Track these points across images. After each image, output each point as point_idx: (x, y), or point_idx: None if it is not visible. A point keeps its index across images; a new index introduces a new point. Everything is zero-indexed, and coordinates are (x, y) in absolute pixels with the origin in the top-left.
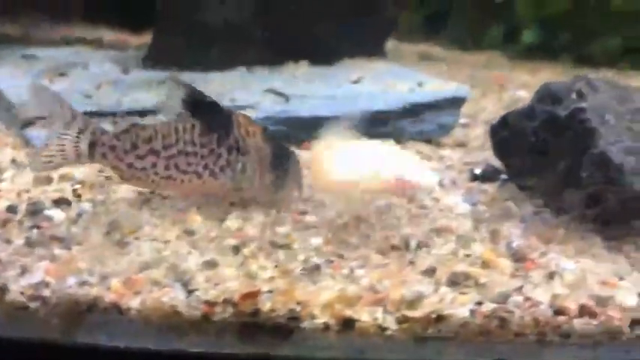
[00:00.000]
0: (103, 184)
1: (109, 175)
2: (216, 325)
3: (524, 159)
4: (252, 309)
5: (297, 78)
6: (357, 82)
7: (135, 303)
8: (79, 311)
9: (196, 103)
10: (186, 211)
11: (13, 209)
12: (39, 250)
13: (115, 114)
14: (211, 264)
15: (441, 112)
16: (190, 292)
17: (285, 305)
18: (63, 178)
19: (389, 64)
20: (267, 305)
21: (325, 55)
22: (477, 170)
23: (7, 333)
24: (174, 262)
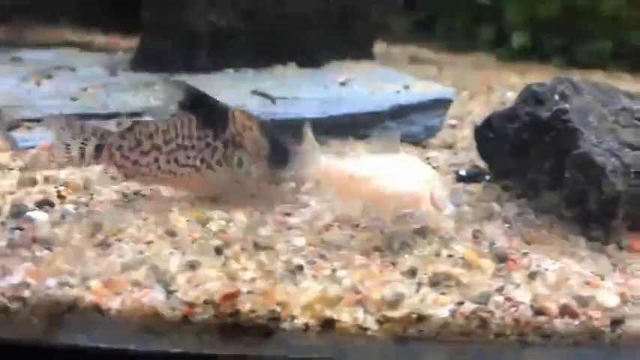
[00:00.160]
0: (87, 185)
1: (113, 175)
2: (197, 326)
3: (507, 160)
4: (232, 310)
5: (284, 80)
6: (344, 84)
7: (115, 304)
8: (59, 312)
9: (193, 99)
10: (170, 212)
11: None
12: (20, 252)
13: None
14: (193, 265)
15: (427, 113)
16: (170, 293)
17: (265, 306)
18: (47, 180)
19: (377, 66)
20: (247, 306)
21: (313, 58)
22: (462, 171)
23: None
24: (155, 263)
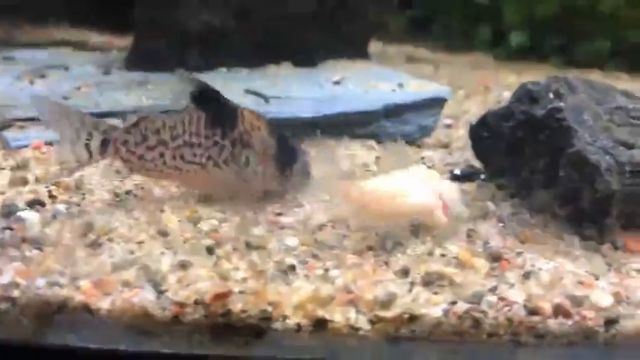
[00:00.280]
0: (79, 185)
1: (118, 169)
2: (187, 326)
3: (502, 159)
4: (223, 310)
5: (278, 79)
6: (338, 83)
7: (105, 304)
8: (48, 312)
9: (204, 96)
10: (162, 212)
11: None
12: (10, 252)
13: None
14: (184, 265)
15: (422, 112)
16: (161, 293)
17: (257, 306)
18: (39, 179)
19: (371, 65)
20: (238, 306)
21: (308, 57)
22: (457, 171)
23: None
24: (146, 263)
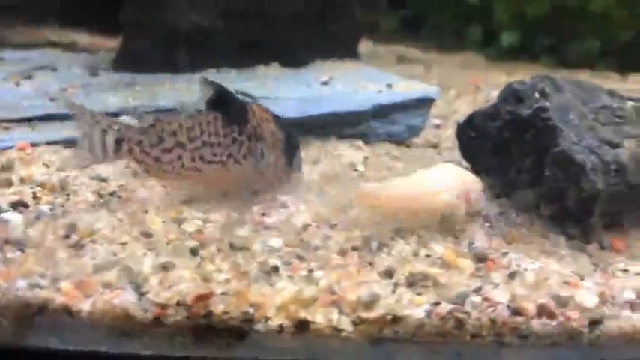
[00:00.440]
0: (64, 186)
1: (134, 170)
2: (169, 328)
3: (489, 159)
4: (204, 311)
5: (266, 79)
6: (326, 83)
7: (86, 305)
8: (29, 314)
9: (220, 99)
10: (146, 213)
11: None
12: None
13: None
14: (167, 266)
15: (410, 113)
16: (142, 295)
17: (239, 307)
18: (24, 181)
19: (360, 65)
20: (220, 307)
21: (297, 57)
22: None
23: None
24: (128, 265)
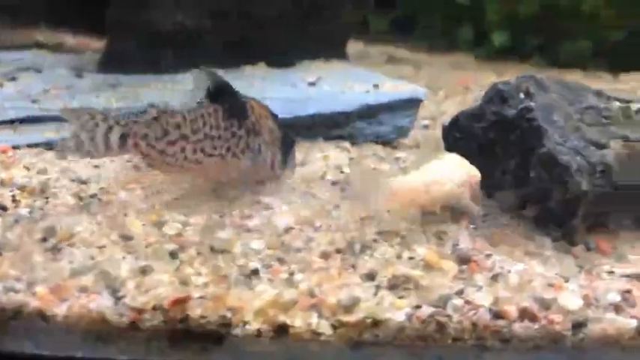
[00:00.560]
0: (44, 189)
1: (136, 165)
2: (145, 333)
3: (475, 159)
4: (181, 315)
5: (254, 80)
6: (313, 84)
7: (61, 310)
8: (3, 318)
9: (219, 91)
10: (125, 216)
11: None
12: None
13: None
14: (145, 270)
15: (397, 113)
16: (118, 299)
17: (217, 311)
18: (3, 183)
19: (348, 65)
20: (197, 311)
21: (284, 57)
22: None
23: None
24: (105, 269)
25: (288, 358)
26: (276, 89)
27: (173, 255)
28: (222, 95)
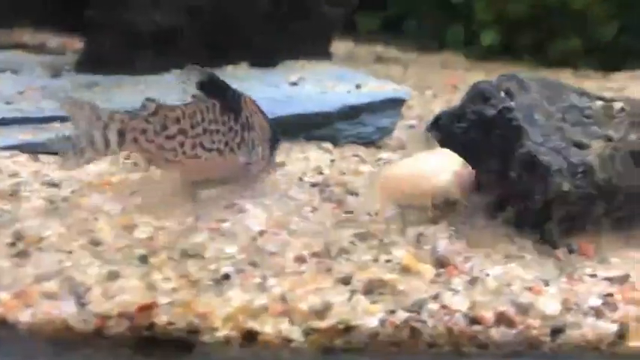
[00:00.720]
0: (14, 192)
1: (135, 162)
2: (111, 340)
3: None
4: (147, 322)
5: (235, 80)
6: (295, 84)
7: (25, 317)
8: None
9: (211, 84)
10: (96, 220)
11: None
12: None
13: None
14: (112, 275)
15: (380, 114)
16: (83, 305)
17: (184, 318)
18: None
19: (331, 65)
20: (163, 318)
21: (267, 57)
22: None
23: None
24: (72, 274)
25: None
26: (258, 89)
27: (143, 260)
28: (215, 89)
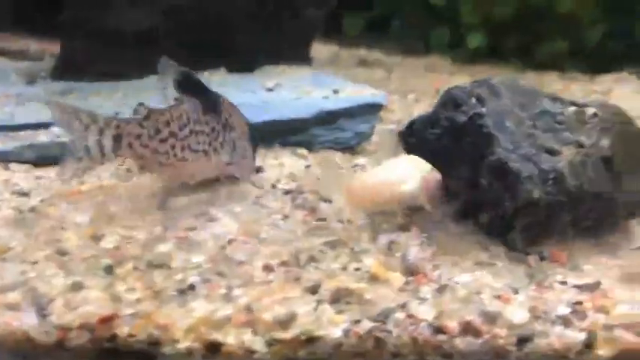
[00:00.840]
0: None
1: (129, 168)
2: (73, 352)
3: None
4: (109, 334)
5: (213, 85)
6: (271, 89)
7: None
8: None
9: (188, 82)
10: (63, 230)
11: None
12: None
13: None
14: (76, 286)
15: (357, 119)
16: (45, 317)
17: (145, 329)
18: None
19: (310, 70)
20: (125, 330)
21: (245, 62)
22: None
23: None
24: (35, 285)
25: None
26: (234, 95)
27: (108, 270)
28: (192, 87)
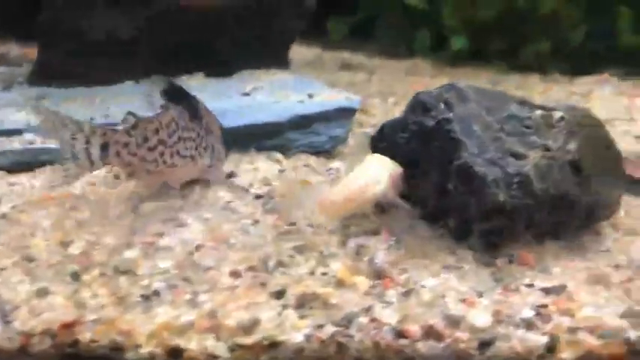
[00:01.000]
0: None
1: (117, 175)
2: (35, 357)
3: None
4: (70, 340)
5: (189, 90)
6: (247, 94)
7: None
8: None
9: (173, 91)
10: (32, 236)
11: None
12: None
13: None
14: (41, 292)
15: (332, 123)
16: (8, 323)
17: (107, 335)
18: None
19: (289, 74)
20: (87, 335)
21: (222, 67)
22: None
23: None
24: (0, 292)
25: None
26: (211, 100)
27: (74, 276)
28: (176, 95)
